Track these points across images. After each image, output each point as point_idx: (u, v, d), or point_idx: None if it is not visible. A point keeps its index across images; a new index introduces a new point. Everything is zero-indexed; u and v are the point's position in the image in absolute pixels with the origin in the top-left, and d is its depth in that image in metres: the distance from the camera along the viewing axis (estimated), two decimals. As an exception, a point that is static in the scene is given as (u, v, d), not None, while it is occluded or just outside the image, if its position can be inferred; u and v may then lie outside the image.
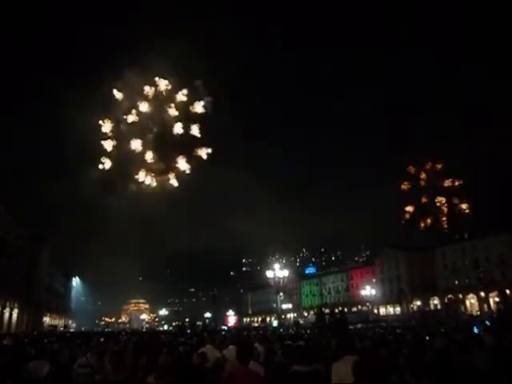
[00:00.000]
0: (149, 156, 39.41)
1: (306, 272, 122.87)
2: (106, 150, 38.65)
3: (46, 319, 78.00)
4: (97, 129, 38.93)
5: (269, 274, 30.07)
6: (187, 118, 40.21)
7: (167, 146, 40.13)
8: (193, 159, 39.80)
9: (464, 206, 67.09)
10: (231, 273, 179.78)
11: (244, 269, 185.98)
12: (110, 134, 38.86)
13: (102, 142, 38.57)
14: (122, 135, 39.19)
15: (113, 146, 38.79)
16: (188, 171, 39.96)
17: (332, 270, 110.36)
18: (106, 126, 38.56)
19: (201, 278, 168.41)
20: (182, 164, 39.51)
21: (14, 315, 54.69)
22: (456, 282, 73.25)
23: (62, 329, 71.34)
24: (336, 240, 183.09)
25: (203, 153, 39.54)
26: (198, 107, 40.07)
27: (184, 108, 40.30)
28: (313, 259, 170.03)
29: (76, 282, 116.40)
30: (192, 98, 40.29)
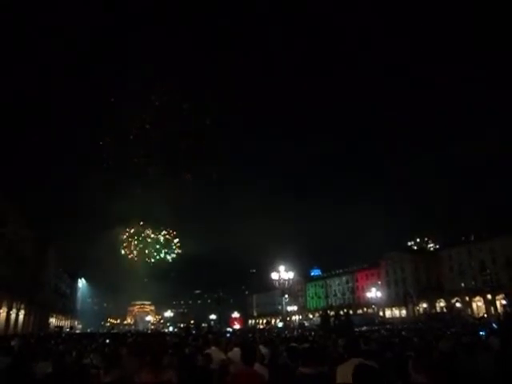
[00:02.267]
0: (151, 171, 38.74)
1: (312, 274, 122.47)
2: (106, 159, 37.98)
3: (52, 320, 78.36)
4: (97, 141, 38.28)
5: (274, 275, 29.97)
6: (192, 132, 39.31)
7: (171, 161, 39.48)
8: (199, 176, 39.13)
9: None
10: (236, 275, 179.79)
11: (249, 270, 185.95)
12: (111, 151, 38.11)
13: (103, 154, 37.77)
14: (123, 148, 38.48)
15: (113, 157, 38.06)
16: (192, 185, 39.42)
17: (337, 271, 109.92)
18: (106, 143, 37.86)
19: (206, 279, 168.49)
20: (188, 177, 38.92)
21: (21, 316, 54.97)
22: (462, 285, 72.78)
23: (68, 330, 71.65)
24: (342, 242, 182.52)
25: (211, 171, 38.81)
26: (203, 121, 38.93)
27: (189, 121, 39.35)
28: (318, 261, 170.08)
29: (82, 283, 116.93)
30: (197, 111, 39.20)
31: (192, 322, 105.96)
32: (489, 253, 67.99)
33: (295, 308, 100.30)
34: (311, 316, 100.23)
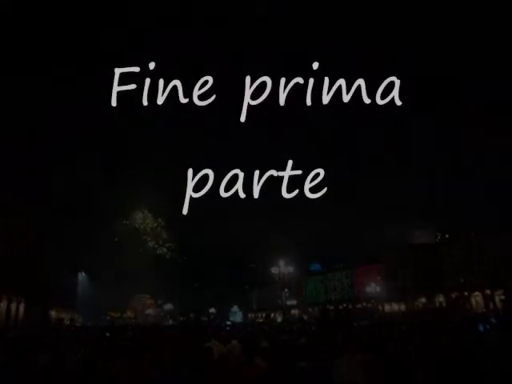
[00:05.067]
0: None
1: (311, 269, 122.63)
2: None
3: (53, 313, 78.66)
4: None
5: (274, 270, 30.07)
6: None
7: None
8: None
9: None
10: (236, 269, 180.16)
11: (249, 265, 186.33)
12: None
13: None
14: None
15: None
16: None
17: (337, 266, 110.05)
18: None
19: (206, 273, 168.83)
20: None
21: (21, 309, 55.19)
22: (461, 280, 72.92)
23: (68, 323, 71.92)
24: (341, 236, 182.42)
25: None
26: None
27: None
28: (318, 256, 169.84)
29: (82, 276, 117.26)
30: None
31: (191, 315, 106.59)
32: (488, 249, 68.10)
33: (295, 302, 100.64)
34: (311, 310, 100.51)
